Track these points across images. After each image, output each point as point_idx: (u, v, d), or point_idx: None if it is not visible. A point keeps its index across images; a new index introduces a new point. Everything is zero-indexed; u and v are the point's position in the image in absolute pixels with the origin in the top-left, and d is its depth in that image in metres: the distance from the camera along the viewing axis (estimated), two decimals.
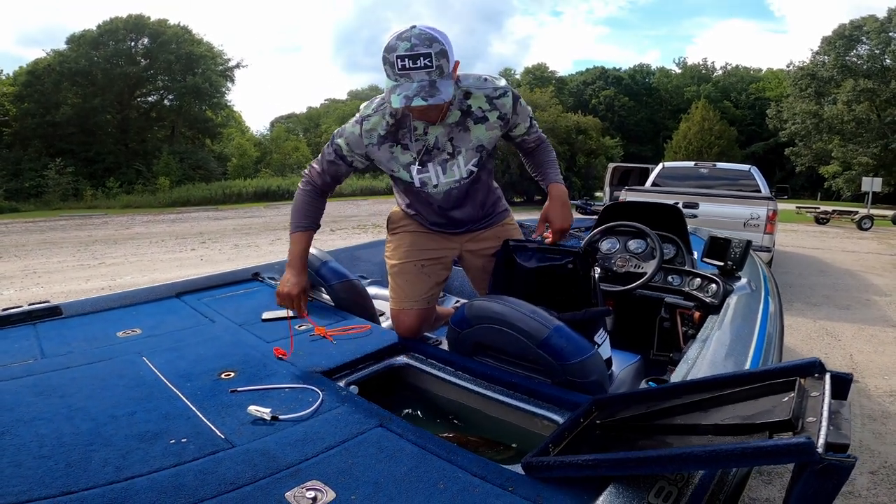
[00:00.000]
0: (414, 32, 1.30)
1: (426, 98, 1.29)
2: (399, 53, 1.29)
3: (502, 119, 1.55)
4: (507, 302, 1.41)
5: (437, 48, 1.29)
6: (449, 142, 1.56)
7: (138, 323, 1.89)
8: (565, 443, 1.06)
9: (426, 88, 1.29)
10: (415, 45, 1.28)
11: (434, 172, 1.59)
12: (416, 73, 1.29)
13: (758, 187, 6.55)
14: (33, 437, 1.10)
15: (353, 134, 1.57)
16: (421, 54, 1.28)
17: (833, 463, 0.68)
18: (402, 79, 1.31)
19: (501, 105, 1.53)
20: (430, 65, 1.29)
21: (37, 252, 8.48)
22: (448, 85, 1.33)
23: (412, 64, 1.28)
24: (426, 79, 1.30)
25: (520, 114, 1.59)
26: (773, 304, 2.04)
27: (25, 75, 24.95)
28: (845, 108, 26.07)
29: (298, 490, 0.94)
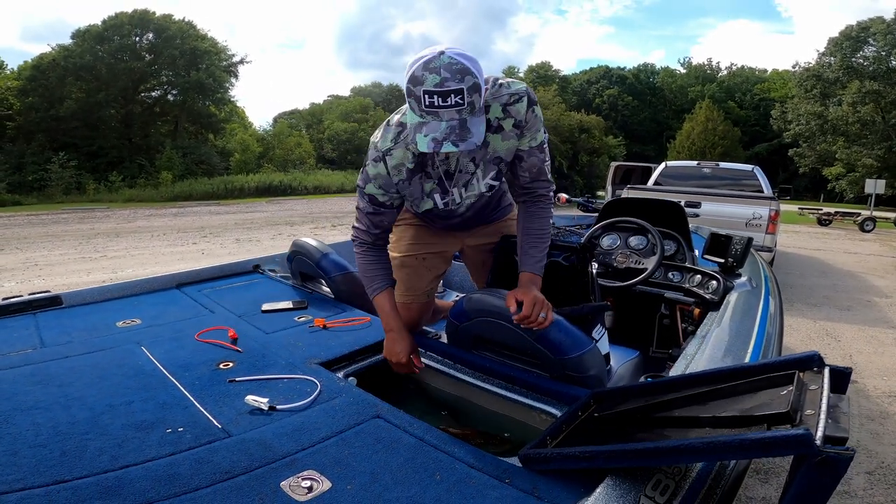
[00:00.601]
0: (443, 62, 1.11)
1: (457, 143, 1.14)
2: (427, 88, 1.12)
3: (517, 126, 1.37)
4: (504, 295, 1.40)
5: (469, 82, 1.12)
6: (471, 161, 1.43)
7: (138, 313, 1.89)
8: (563, 435, 1.06)
9: (456, 130, 1.14)
10: (445, 80, 1.11)
11: (458, 193, 1.49)
12: (445, 111, 1.13)
13: (760, 187, 6.53)
14: (30, 425, 1.10)
15: (379, 175, 1.40)
16: (452, 90, 1.11)
17: (831, 455, 0.68)
18: (428, 116, 1.15)
19: (515, 112, 1.34)
20: (462, 102, 1.12)
21: (39, 245, 8.50)
22: (480, 123, 1.17)
23: (442, 101, 1.12)
24: (456, 118, 1.14)
25: (530, 121, 1.37)
26: (774, 302, 2.04)
27: (30, 70, 24.96)
28: (851, 109, 25.97)
29: (294, 480, 0.94)
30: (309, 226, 11.47)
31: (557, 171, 18.91)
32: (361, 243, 1.53)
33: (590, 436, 1.07)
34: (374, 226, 1.49)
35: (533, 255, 1.45)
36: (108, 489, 0.89)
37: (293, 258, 2.28)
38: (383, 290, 1.51)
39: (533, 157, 1.43)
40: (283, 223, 11.93)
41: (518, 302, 1.31)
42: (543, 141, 1.43)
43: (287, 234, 9.73)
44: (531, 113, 1.35)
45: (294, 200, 20.48)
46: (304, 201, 19.94)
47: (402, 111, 1.37)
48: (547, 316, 1.31)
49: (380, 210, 1.47)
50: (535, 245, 1.46)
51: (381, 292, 1.50)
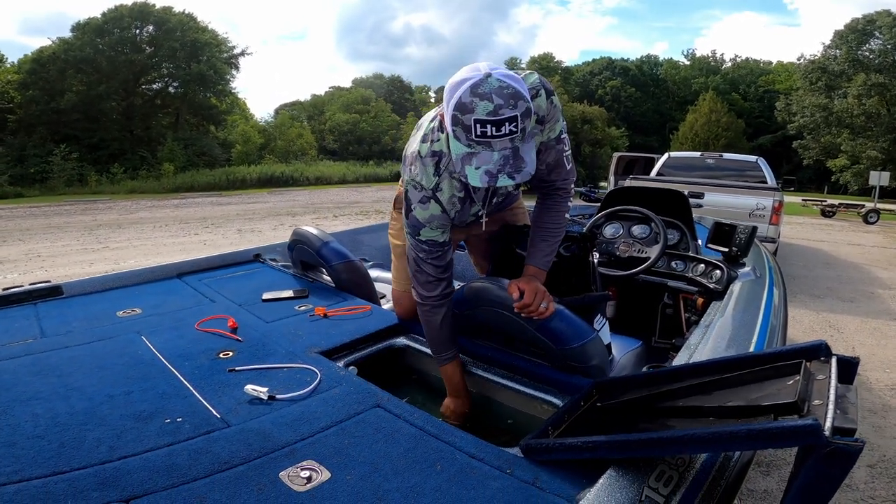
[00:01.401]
0: (494, 87, 1.01)
1: (513, 175, 1.05)
2: (479, 117, 1.01)
3: (540, 122, 1.27)
4: (506, 284, 1.39)
5: (522, 107, 1.02)
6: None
7: (139, 303, 1.88)
8: (565, 425, 1.05)
9: (510, 161, 1.05)
10: (499, 107, 1.01)
11: (496, 202, 1.48)
12: (498, 141, 1.03)
13: (764, 178, 6.49)
14: (29, 416, 1.09)
15: (434, 216, 1.30)
16: (507, 118, 1.01)
17: (840, 447, 0.67)
18: (478, 147, 1.05)
19: (537, 107, 1.23)
20: (516, 130, 1.02)
21: (41, 236, 8.50)
22: (531, 149, 1.09)
23: (496, 131, 1.02)
24: (509, 147, 1.05)
25: (549, 112, 1.28)
26: (778, 292, 2.02)
27: (30, 63, 24.88)
28: (856, 102, 25.77)
29: (293, 470, 0.93)
30: (310, 216, 11.46)
31: None
32: (441, 303, 1.40)
33: (592, 426, 1.06)
34: (442, 270, 1.38)
35: (541, 248, 1.40)
36: (105, 480, 0.89)
37: (294, 247, 2.27)
38: (454, 359, 1.44)
39: (551, 150, 1.35)
40: (285, 214, 11.92)
41: (520, 290, 1.28)
42: (562, 131, 1.35)
43: (288, 225, 9.71)
44: (551, 104, 1.27)
45: (296, 191, 20.45)
46: (305, 192, 19.91)
47: (428, 137, 1.28)
48: (548, 306, 1.29)
49: (442, 250, 1.37)
50: (544, 239, 1.40)
51: (451, 361, 1.44)
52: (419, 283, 1.40)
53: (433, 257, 1.35)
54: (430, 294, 1.39)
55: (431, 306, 1.40)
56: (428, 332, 1.45)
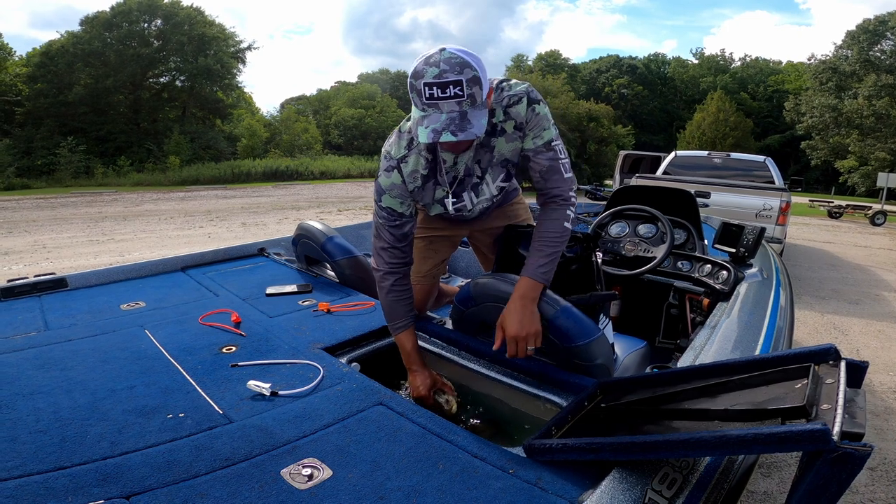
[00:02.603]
0: (444, 56, 1.13)
1: (456, 133, 1.13)
2: (427, 80, 1.13)
3: (518, 128, 1.35)
4: (513, 280, 1.38)
5: (468, 74, 1.13)
6: (477, 164, 1.42)
7: (143, 296, 1.88)
8: (568, 426, 1.04)
9: (456, 121, 1.14)
10: (444, 72, 1.12)
11: (469, 199, 1.48)
12: (445, 102, 1.14)
13: (772, 179, 6.45)
14: (31, 411, 1.09)
15: (395, 185, 1.38)
16: (451, 82, 1.12)
17: (848, 451, 0.66)
18: (429, 109, 1.16)
19: (515, 113, 1.33)
20: (462, 94, 1.13)
21: (47, 227, 8.54)
22: (481, 116, 1.17)
23: (441, 93, 1.13)
24: (456, 110, 1.15)
25: (530, 120, 1.34)
26: (785, 294, 2.00)
27: (39, 56, 25.03)
28: (866, 102, 25.57)
29: (294, 467, 0.93)
30: (315, 210, 11.46)
31: None
32: (391, 272, 1.45)
33: (596, 426, 1.05)
34: (397, 239, 1.44)
35: (536, 259, 1.37)
36: (106, 476, 0.88)
37: (298, 241, 2.26)
38: (406, 328, 1.47)
39: (540, 157, 1.38)
40: (290, 208, 11.93)
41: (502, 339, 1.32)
42: (552, 139, 1.37)
43: (293, 219, 9.73)
44: (531, 112, 1.33)
45: (300, 185, 20.48)
46: (310, 186, 19.93)
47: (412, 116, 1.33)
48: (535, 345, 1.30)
49: (400, 221, 1.42)
50: (540, 249, 1.38)
51: (404, 331, 1.47)
52: (376, 250, 1.47)
53: (391, 225, 1.42)
54: (383, 261, 1.45)
55: (383, 273, 1.46)
56: (381, 301, 1.50)
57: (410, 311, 1.49)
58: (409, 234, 1.46)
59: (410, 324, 1.48)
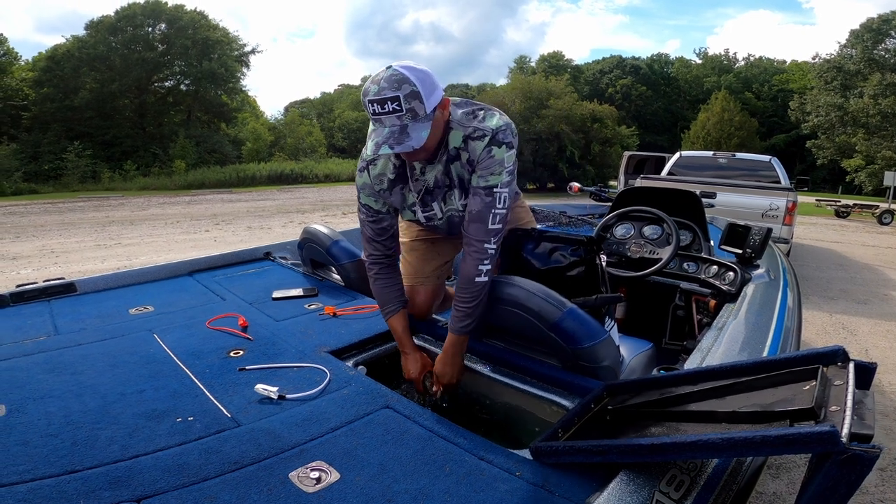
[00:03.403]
0: (385, 74, 1.20)
1: (393, 146, 1.20)
2: (370, 97, 1.21)
3: (469, 163, 1.37)
4: (520, 283, 1.38)
5: (406, 90, 1.19)
6: (446, 176, 1.43)
7: (151, 300, 1.89)
8: (575, 428, 1.04)
9: (395, 135, 1.20)
10: (383, 89, 1.19)
11: (438, 208, 1.51)
12: (386, 118, 1.21)
13: (778, 178, 6.41)
14: (42, 414, 1.10)
15: (365, 184, 1.47)
16: (388, 98, 1.19)
17: (857, 453, 0.66)
18: (377, 124, 1.24)
19: (472, 148, 1.34)
20: (400, 108, 1.19)
21: (55, 232, 8.60)
22: (421, 129, 1.22)
23: (381, 108, 1.20)
24: (397, 124, 1.21)
25: (483, 161, 1.33)
26: (792, 295, 2.00)
27: (45, 61, 25.20)
28: (871, 101, 25.41)
29: (303, 470, 0.93)
30: (319, 213, 11.50)
31: (569, 160, 18.70)
32: (375, 262, 1.53)
33: (602, 429, 1.05)
34: (377, 233, 1.51)
35: (456, 315, 1.41)
36: (117, 479, 0.89)
37: (304, 245, 2.27)
38: (396, 312, 1.52)
39: (476, 197, 1.36)
40: (294, 211, 11.97)
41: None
42: (496, 185, 1.34)
43: (298, 222, 9.76)
44: (486, 153, 1.32)
45: (305, 188, 20.54)
46: (314, 189, 19.98)
47: None
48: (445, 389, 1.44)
49: (377, 217, 1.50)
50: (457, 307, 1.41)
51: (394, 315, 1.52)
52: (363, 241, 1.56)
53: (370, 220, 1.51)
54: (369, 252, 1.54)
55: (369, 262, 1.54)
56: (371, 287, 1.56)
57: (399, 297, 1.54)
58: (387, 229, 1.53)
59: (400, 308, 1.53)
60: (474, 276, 1.37)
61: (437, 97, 1.25)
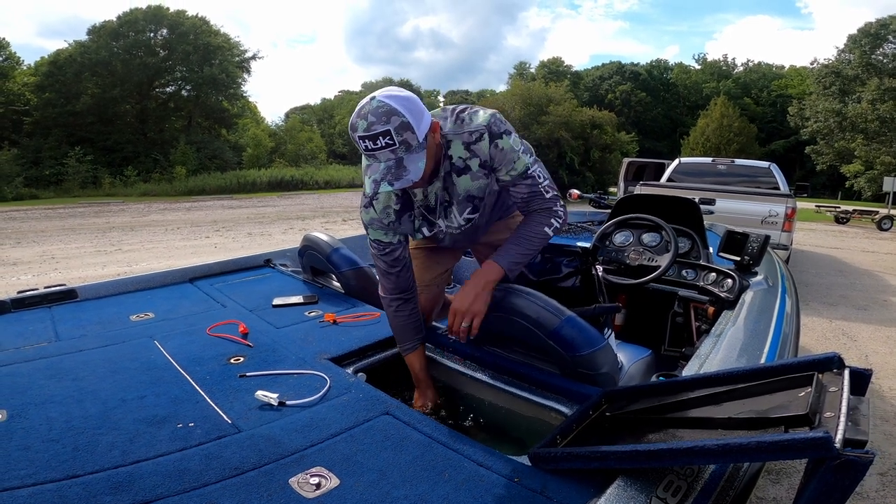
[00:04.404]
0: (372, 107, 1.15)
1: (392, 182, 1.16)
2: (360, 134, 1.16)
3: (484, 166, 1.35)
4: (519, 291, 1.39)
5: (396, 122, 1.14)
6: (445, 191, 1.42)
7: (152, 307, 1.90)
8: (573, 434, 1.05)
9: (392, 170, 1.17)
10: (372, 124, 1.14)
11: (443, 223, 1.50)
12: (380, 153, 1.16)
13: (777, 185, 6.43)
14: (43, 420, 1.11)
15: (374, 220, 1.44)
16: (380, 133, 1.14)
17: (850, 458, 0.66)
18: (370, 159, 1.20)
19: (479, 150, 1.33)
20: (393, 142, 1.15)
21: (55, 238, 8.62)
22: (417, 160, 1.19)
23: (373, 144, 1.15)
24: (392, 158, 1.17)
25: (495, 157, 1.34)
26: (790, 301, 2.00)
27: (47, 66, 25.30)
28: (869, 106, 25.51)
29: (303, 476, 0.94)
30: (320, 220, 11.52)
31: (568, 166, 18.74)
32: (395, 298, 1.50)
33: (601, 435, 1.06)
34: (391, 265, 1.48)
35: (509, 247, 1.41)
36: (118, 484, 0.90)
37: (304, 253, 2.28)
38: (414, 349, 1.52)
39: (519, 187, 1.39)
40: (295, 217, 12.00)
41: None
42: (527, 168, 1.37)
43: (298, 229, 9.77)
44: (494, 148, 1.32)
45: (305, 195, 20.58)
46: (315, 196, 20.03)
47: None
48: (472, 326, 1.37)
49: (389, 248, 1.47)
50: (517, 243, 1.41)
51: (412, 352, 1.52)
52: (378, 276, 1.53)
53: (382, 254, 1.47)
54: (386, 288, 1.51)
55: (388, 299, 1.51)
56: (390, 322, 1.54)
57: (418, 334, 1.52)
58: (401, 260, 1.49)
59: (418, 345, 1.52)
60: (545, 227, 1.41)
61: (426, 123, 1.22)
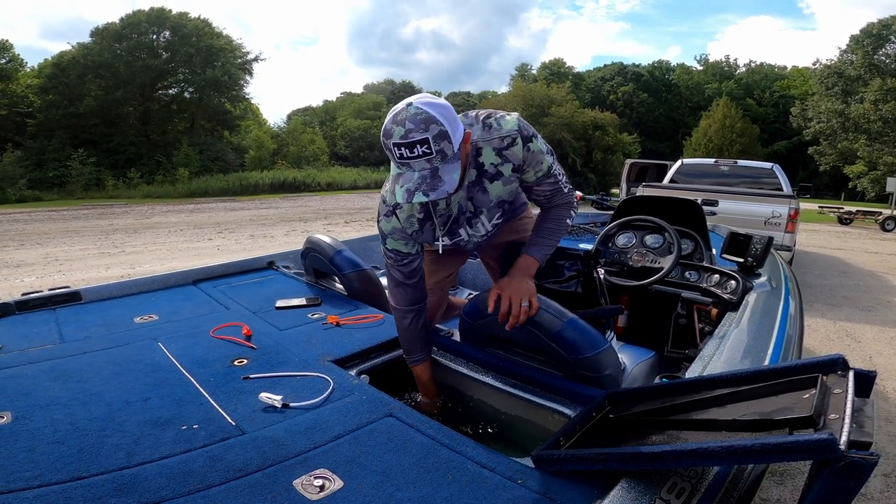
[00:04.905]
0: (409, 113, 1.12)
1: (427, 192, 1.13)
2: (395, 140, 1.12)
3: (516, 171, 1.37)
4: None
5: (434, 130, 1.11)
6: (470, 201, 1.43)
7: (155, 309, 1.91)
8: (577, 436, 1.05)
9: (428, 180, 1.13)
10: (409, 131, 1.11)
11: (465, 234, 1.50)
12: (415, 161, 1.13)
13: (780, 185, 6.42)
14: (48, 422, 1.11)
15: (395, 229, 1.42)
16: (418, 141, 1.11)
17: (855, 460, 0.66)
18: (403, 168, 1.16)
19: (512, 156, 1.34)
20: (430, 151, 1.12)
21: (59, 240, 8.64)
22: (453, 170, 1.16)
23: (409, 153, 1.12)
24: (427, 167, 1.14)
25: (526, 160, 1.36)
26: (794, 303, 2.00)
27: (50, 68, 25.41)
28: (872, 107, 25.46)
29: (306, 478, 0.94)
30: (322, 222, 11.53)
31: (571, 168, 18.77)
32: (409, 311, 1.51)
33: (604, 437, 1.06)
34: (407, 276, 1.48)
35: (537, 241, 1.46)
36: (123, 486, 0.90)
37: (307, 255, 2.28)
38: (422, 362, 1.54)
39: (542, 185, 1.44)
40: (297, 219, 12.00)
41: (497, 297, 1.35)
42: (550, 167, 1.40)
43: (300, 230, 9.79)
44: (527, 151, 1.34)
45: (308, 197, 20.60)
46: (317, 198, 20.05)
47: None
48: (531, 304, 1.33)
49: (407, 259, 1.46)
50: (544, 236, 1.47)
51: (419, 364, 1.55)
52: (391, 287, 1.53)
53: (399, 264, 1.47)
54: (398, 299, 1.51)
55: (401, 311, 1.52)
56: (399, 333, 1.55)
57: (426, 346, 1.55)
58: (418, 270, 1.50)
59: (426, 358, 1.55)
60: (566, 219, 1.49)
61: (461, 133, 1.20)
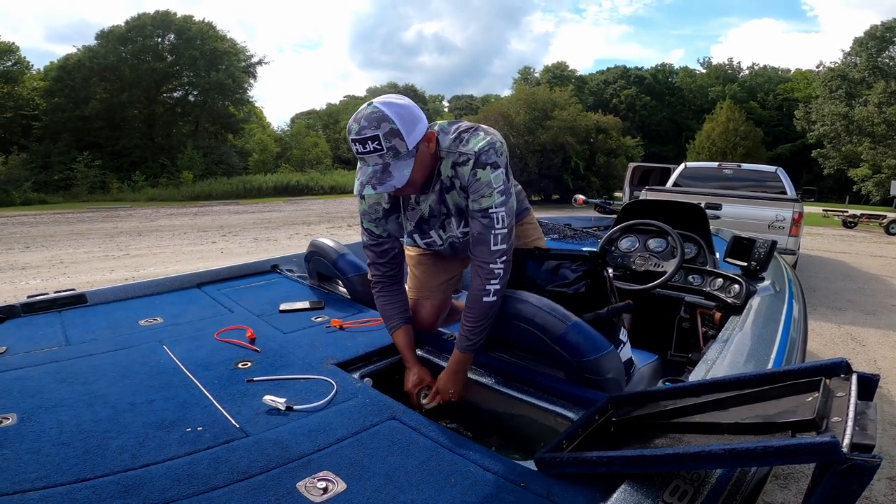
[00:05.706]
0: (366, 112, 1.21)
1: (375, 186, 1.21)
2: (352, 136, 1.22)
3: (463, 189, 1.37)
4: (525, 297, 1.39)
5: (385, 128, 1.19)
6: (441, 204, 1.46)
7: (160, 312, 1.92)
8: (579, 440, 1.05)
9: (377, 174, 1.21)
10: (363, 128, 1.20)
11: (437, 236, 1.54)
12: (368, 157, 1.22)
13: (784, 189, 6.40)
14: (54, 423, 1.12)
15: (365, 211, 1.52)
16: (368, 137, 1.19)
17: (858, 463, 0.66)
18: (361, 162, 1.25)
19: (461, 174, 1.34)
20: (381, 147, 1.20)
21: (64, 243, 8.68)
22: (404, 167, 1.22)
23: (362, 148, 1.21)
24: (380, 163, 1.22)
25: (471, 185, 1.33)
26: (798, 306, 2.00)
27: (56, 71, 25.55)
28: (876, 110, 25.36)
29: (310, 480, 0.94)
30: (325, 225, 11.56)
31: (574, 171, 18.71)
32: (377, 281, 1.57)
33: (606, 440, 1.06)
34: (378, 256, 1.55)
35: (463, 333, 1.40)
36: (128, 488, 0.91)
37: (311, 258, 2.29)
38: (399, 328, 1.56)
39: (475, 221, 1.36)
40: (300, 223, 12.03)
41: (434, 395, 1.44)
42: (489, 207, 1.33)
43: (304, 234, 9.81)
44: (473, 176, 1.32)
45: (311, 200, 20.64)
46: (320, 201, 20.08)
47: None
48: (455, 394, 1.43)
49: (378, 241, 1.54)
50: (464, 324, 1.40)
51: (396, 329, 1.56)
52: (367, 261, 1.60)
53: (372, 243, 1.55)
54: (372, 273, 1.59)
55: (373, 281, 1.59)
56: (376, 303, 1.61)
57: (401, 313, 1.57)
58: (388, 252, 1.55)
59: (402, 324, 1.57)
60: (482, 296, 1.36)
61: (419, 132, 1.25)
